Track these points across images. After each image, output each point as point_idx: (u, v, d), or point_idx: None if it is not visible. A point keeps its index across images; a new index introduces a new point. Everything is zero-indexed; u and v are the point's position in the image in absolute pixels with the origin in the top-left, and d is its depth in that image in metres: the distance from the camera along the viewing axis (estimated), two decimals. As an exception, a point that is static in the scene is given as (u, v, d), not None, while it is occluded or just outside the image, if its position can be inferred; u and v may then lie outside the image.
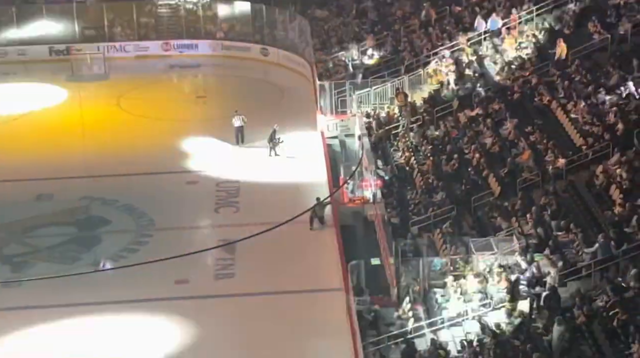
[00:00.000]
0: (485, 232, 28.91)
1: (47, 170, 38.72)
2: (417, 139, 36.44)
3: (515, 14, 40.38)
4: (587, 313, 23.19)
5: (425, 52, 42.45)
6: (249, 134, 40.71)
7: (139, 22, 54.89)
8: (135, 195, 36.36)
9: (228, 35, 54.10)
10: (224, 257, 31.68)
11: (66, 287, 29.15)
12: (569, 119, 31.75)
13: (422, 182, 33.01)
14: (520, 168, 30.73)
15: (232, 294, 29.95)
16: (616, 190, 26.95)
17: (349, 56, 44.40)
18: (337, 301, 28.64)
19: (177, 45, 53.84)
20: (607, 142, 29.08)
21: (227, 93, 47.88)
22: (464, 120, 35.97)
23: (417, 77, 41.01)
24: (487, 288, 25.85)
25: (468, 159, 33.33)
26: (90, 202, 35.98)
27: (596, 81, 32.49)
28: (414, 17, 46.67)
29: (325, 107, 41.77)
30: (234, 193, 36.56)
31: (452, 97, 37.80)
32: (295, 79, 49.35)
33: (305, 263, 31.37)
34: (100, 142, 42.13)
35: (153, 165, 39.13)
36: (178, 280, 30.35)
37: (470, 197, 30.75)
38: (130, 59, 52.76)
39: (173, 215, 34.82)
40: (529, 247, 26.60)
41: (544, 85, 34.39)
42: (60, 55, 53.01)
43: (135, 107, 46.41)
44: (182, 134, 42.90)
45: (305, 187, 36.22)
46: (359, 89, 41.03)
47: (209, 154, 40.16)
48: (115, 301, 29.32)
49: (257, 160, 39.23)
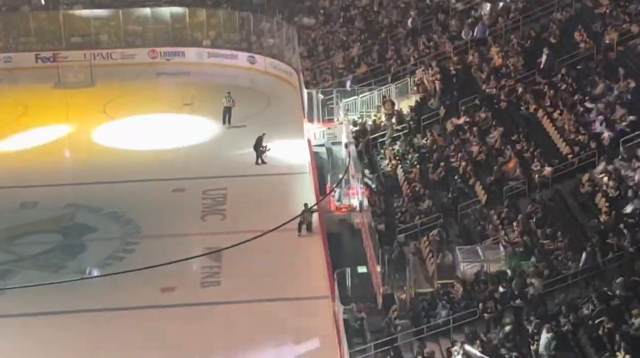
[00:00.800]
0: (471, 240, 28.94)
1: (31, 177, 38.58)
2: (404, 147, 36.46)
3: (502, 22, 40.51)
4: (574, 321, 23.21)
5: (412, 61, 42.52)
6: (238, 138, 40.70)
7: (126, 30, 54.82)
8: (121, 202, 36.27)
9: (215, 43, 54.08)
10: (211, 265, 31.63)
11: (51, 295, 29.04)
12: (555, 128, 31.83)
13: (409, 190, 33.03)
14: (506, 176, 30.77)
15: (218, 302, 29.90)
16: (602, 198, 27.01)
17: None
18: (324, 309, 28.63)
19: (164, 53, 53.80)
20: (593, 151, 29.16)
21: (214, 101, 47.82)
22: (451, 128, 36.01)
23: (403, 86, 41.06)
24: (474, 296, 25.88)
25: (454, 167, 33.35)
26: (75, 210, 35.87)
27: (582, 90, 32.59)
28: (401, 26, 46.74)
29: (312, 115, 41.75)
30: (221, 200, 36.52)
31: (439, 106, 37.84)
32: (282, 87, 49.37)
33: (291, 271, 31.35)
34: (86, 149, 41.98)
35: (140, 172, 39.03)
36: (164, 288, 30.28)
37: (457, 205, 30.77)
38: (116, 66, 52.64)
39: (159, 223, 34.75)
40: (515, 255, 26.62)
41: (530, 94, 34.47)
42: (47, 62, 52.89)
43: (122, 114, 46.30)
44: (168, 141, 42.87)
45: (292, 195, 36.21)
46: (349, 95, 41.07)
47: (196, 161, 40.13)
48: (101, 309, 29.23)
49: (244, 167, 39.18)
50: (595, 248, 25.03)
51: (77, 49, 53.42)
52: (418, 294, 27.29)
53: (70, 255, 32.71)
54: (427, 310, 26.33)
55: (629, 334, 21.94)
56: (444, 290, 26.71)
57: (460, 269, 27.25)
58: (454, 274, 27.25)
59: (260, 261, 31.44)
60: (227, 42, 54.03)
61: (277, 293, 29.97)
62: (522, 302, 24.56)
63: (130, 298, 29.70)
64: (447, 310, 25.64)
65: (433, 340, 25.36)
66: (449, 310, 25.59)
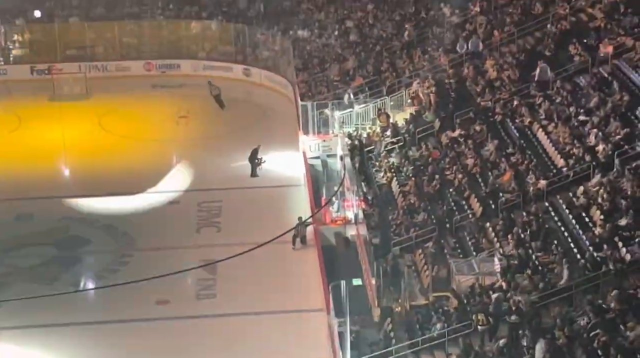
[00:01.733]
0: (466, 253, 28.96)
1: (26, 189, 38.54)
2: (399, 160, 36.51)
3: (497, 35, 40.62)
4: (569, 334, 23.22)
5: (407, 73, 42.60)
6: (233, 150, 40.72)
7: (121, 42, 54.86)
8: (116, 215, 36.22)
9: (210, 55, 54.13)
10: (206, 277, 31.59)
11: (46, 308, 28.98)
12: (549, 141, 31.90)
13: (404, 202, 33.06)
14: (501, 189, 30.81)
15: (213, 315, 29.86)
16: (597, 211, 27.06)
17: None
18: (319, 321, 28.60)
19: (159, 65, 53.81)
20: (587, 164, 29.22)
21: (209, 113, 47.87)
22: (446, 141, 36.08)
23: (398, 98, 41.13)
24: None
25: (450, 179, 33.41)
26: (70, 222, 35.81)
27: (577, 103, 32.68)
28: (396, 39, 46.85)
29: (307, 127, 41.79)
30: (216, 213, 36.50)
31: (434, 118, 37.91)
32: (277, 99, 49.41)
33: (286, 284, 31.33)
34: (82, 161, 41.96)
35: (134, 185, 39.01)
36: (159, 300, 30.23)
37: (452, 218, 30.80)
38: (112, 79, 52.66)
39: (154, 235, 34.72)
40: (510, 268, 26.64)
41: (525, 107, 34.54)
42: (42, 74, 52.86)
43: (117, 126, 46.30)
44: (164, 153, 42.89)
45: (288, 207, 36.21)
46: (348, 107, 41.11)
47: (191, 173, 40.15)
48: (96, 322, 29.19)
49: (239, 179, 39.18)
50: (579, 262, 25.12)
51: (72, 61, 53.40)
52: (413, 307, 27.32)
53: (65, 267, 32.65)
54: (422, 322, 26.35)
55: (624, 347, 21.97)
56: (439, 303, 26.72)
57: (455, 282, 27.26)
58: (449, 287, 27.26)
59: (255, 274, 31.42)
60: (223, 54, 54.06)
61: (272, 306, 29.95)
62: (517, 318, 24.52)
63: (125, 311, 29.64)
64: (442, 322, 25.65)
65: (428, 353, 25.40)
66: (443, 323, 25.60)
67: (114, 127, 46.21)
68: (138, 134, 45.41)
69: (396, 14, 49.36)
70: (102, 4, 57.96)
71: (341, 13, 52.45)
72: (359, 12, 51.68)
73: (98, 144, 44.22)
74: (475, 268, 27.34)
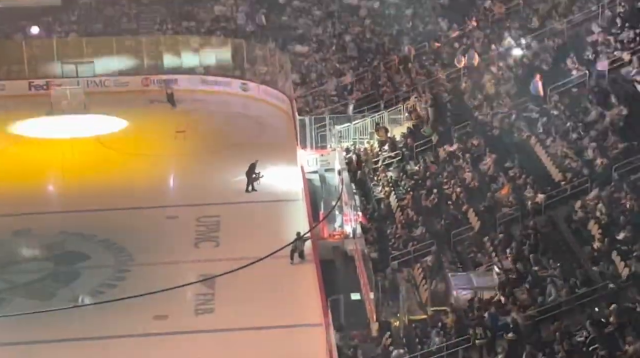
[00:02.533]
0: (465, 267, 28.92)
1: (24, 205, 38.49)
2: (397, 174, 36.51)
3: (494, 49, 40.72)
4: (567, 348, 23.16)
5: (404, 88, 42.67)
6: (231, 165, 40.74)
7: (119, 57, 54.86)
8: (114, 230, 36.16)
9: (208, 70, 54.20)
10: (204, 292, 31.52)
11: (44, 323, 28.89)
12: (547, 155, 31.92)
13: (402, 216, 33.03)
14: (499, 203, 30.81)
15: (212, 329, 29.77)
16: (595, 225, 27.05)
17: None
18: (317, 336, 28.51)
19: (157, 80, 53.85)
20: (585, 178, 29.23)
21: (207, 128, 47.90)
22: (444, 155, 36.10)
23: (396, 112, 41.18)
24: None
25: (447, 194, 33.40)
26: (68, 237, 35.75)
27: (574, 117, 32.71)
28: (393, 53, 46.95)
29: (305, 142, 41.80)
30: (214, 227, 36.44)
31: (432, 133, 37.94)
32: (275, 114, 49.45)
33: (285, 298, 31.25)
34: (79, 176, 41.93)
35: (132, 199, 38.99)
36: (157, 315, 30.14)
37: (450, 232, 30.78)
38: (109, 94, 52.66)
39: (152, 250, 34.64)
40: (508, 282, 26.60)
41: (523, 121, 34.58)
42: (40, 90, 52.91)
43: (115, 141, 46.30)
44: (162, 168, 42.89)
45: (286, 222, 36.18)
46: (350, 120, 41.14)
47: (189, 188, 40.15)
48: (94, 337, 29.09)
49: (237, 194, 39.16)
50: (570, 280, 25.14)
51: (70, 76, 53.47)
52: (411, 321, 27.27)
53: (63, 282, 32.56)
54: (421, 337, 26.29)
55: (623, 361, 21.94)
56: (437, 317, 26.67)
57: (454, 296, 27.22)
58: (447, 301, 27.22)
59: (253, 288, 31.34)
60: (220, 69, 54.14)
61: (270, 321, 29.86)
62: (514, 335, 24.40)
63: (123, 326, 29.55)
64: (440, 337, 25.60)
65: (427, 368, 25.34)
66: (442, 337, 25.55)
67: (112, 142, 46.21)
68: (136, 148, 45.39)
69: (394, 28, 49.48)
70: (101, 20, 58.05)
71: (339, 28, 52.58)
72: (356, 27, 51.81)
73: (96, 159, 44.20)
74: (473, 282, 27.30)
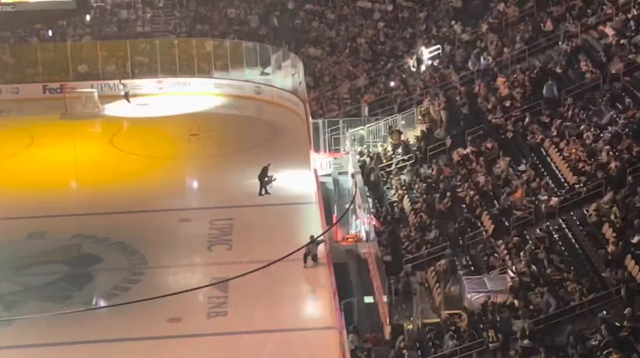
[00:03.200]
0: (478, 270, 28.88)
1: (38, 208, 38.62)
2: (410, 177, 36.48)
3: (508, 52, 40.65)
4: (582, 352, 23.10)
5: (418, 91, 42.64)
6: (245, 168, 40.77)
7: (133, 61, 55.05)
8: (128, 233, 36.25)
9: (221, 73, 54.25)
10: (217, 295, 31.54)
11: (58, 326, 29.00)
12: (562, 158, 31.85)
13: (416, 220, 33.00)
14: (513, 206, 30.75)
15: (225, 332, 29.80)
16: (609, 228, 26.97)
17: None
18: (330, 339, 28.52)
19: (171, 83, 53.96)
20: (599, 181, 29.14)
21: (220, 131, 47.98)
22: (457, 158, 36.04)
23: (410, 116, 41.15)
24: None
25: (461, 197, 33.36)
26: (82, 240, 35.85)
27: (588, 120, 32.63)
28: (407, 56, 46.93)
29: (319, 145, 41.81)
30: (227, 230, 36.47)
31: (445, 136, 37.90)
32: (288, 117, 49.47)
33: (298, 302, 31.28)
34: (93, 179, 42.05)
35: (146, 202, 39.08)
36: (171, 318, 30.19)
37: (464, 235, 30.74)
38: (123, 97, 52.81)
39: (166, 253, 34.71)
40: (522, 286, 26.54)
41: (537, 124, 34.51)
42: (54, 93, 53.09)
43: (129, 144, 46.42)
44: (175, 171, 42.97)
45: (299, 225, 36.19)
46: (364, 123, 41.09)
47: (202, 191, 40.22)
48: (108, 340, 29.15)
49: (251, 197, 39.20)
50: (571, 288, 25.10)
51: (84, 80, 53.68)
52: (425, 324, 27.22)
53: (77, 285, 32.64)
54: (434, 340, 26.26)
55: (637, 365, 21.87)
56: (451, 321, 26.63)
57: (467, 300, 27.18)
58: (461, 305, 27.18)
59: (267, 291, 31.37)
60: (234, 72, 54.21)
61: (283, 324, 29.87)
62: (529, 342, 24.29)
63: (137, 329, 29.62)
64: (454, 340, 25.56)
65: (440, 371, 25.30)
66: (455, 341, 25.51)
67: (126, 145, 46.34)
68: (149, 151, 45.48)
69: (407, 32, 49.46)
70: (114, 23, 58.23)
71: (352, 31, 52.58)
72: (370, 30, 51.81)
73: (109, 162, 44.32)
74: (487, 286, 27.25)
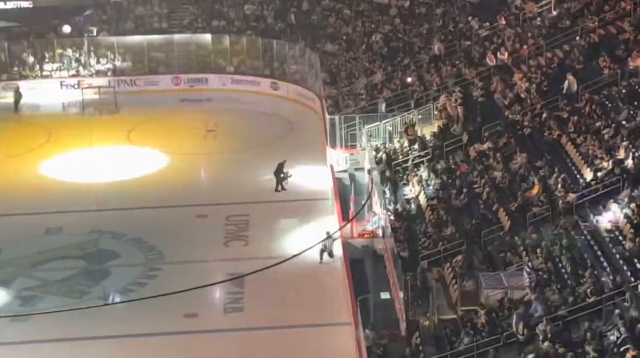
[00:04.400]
0: (495, 267, 28.81)
1: (56, 203, 38.76)
2: (427, 173, 36.42)
3: (525, 48, 40.51)
4: (598, 348, 23.00)
5: (435, 87, 42.56)
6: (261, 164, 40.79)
7: (150, 57, 55.19)
8: (145, 228, 36.35)
9: (238, 70, 54.34)
10: (233, 291, 31.61)
11: (75, 321, 29.11)
12: (579, 154, 31.72)
13: (432, 216, 32.95)
14: (530, 202, 30.65)
15: (241, 328, 29.86)
16: (626, 225, 26.85)
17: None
18: (346, 335, 28.52)
19: (187, 80, 54.07)
20: (617, 177, 29.01)
21: (237, 127, 48.04)
22: (474, 154, 35.96)
23: (426, 111, 41.08)
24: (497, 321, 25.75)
25: (478, 193, 33.28)
26: (99, 236, 35.98)
27: (606, 116, 32.49)
28: (424, 52, 46.85)
29: (335, 141, 41.79)
30: (244, 226, 36.52)
31: (462, 132, 37.82)
32: (304, 113, 49.49)
33: (314, 297, 31.27)
34: (110, 175, 42.16)
35: (163, 198, 39.17)
36: (187, 313, 30.27)
37: (480, 232, 30.67)
38: (140, 93, 52.95)
39: (182, 249, 34.77)
40: (540, 282, 26.46)
41: (554, 120, 34.39)
42: (71, 89, 53.28)
43: (146, 140, 46.53)
44: (192, 167, 43.05)
45: (315, 221, 36.20)
46: (380, 119, 41.05)
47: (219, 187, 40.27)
48: (124, 335, 29.28)
49: (267, 193, 39.23)
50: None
51: (101, 75, 53.85)
52: (441, 321, 27.17)
53: (94, 281, 32.76)
54: (451, 336, 26.22)
55: (655, 362, 21.75)
56: (468, 317, 26.58)
57: (484, 296, 27.12)
58: (478, 301, 27.12)
59: (283, 287, 31.40)
60: (250, 68, 54.27)
61: (299, 320, 29.89)
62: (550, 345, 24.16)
63: (154, 324, 29.70)
64: (470, 336, 25.51)
65: (457, 367, 25.24)
66: (472, 337, 25.45)
67: (143, 141, 46.45)
68: (166, 147, 45.57)
69: (424, 27, 49.38)
70: (131, 19, 58.37)
71: (369, 27, 52.53)
72: (386, 26, 51.74)
73: (127, 157, 44.42)
74: (504, 282, 27.18)
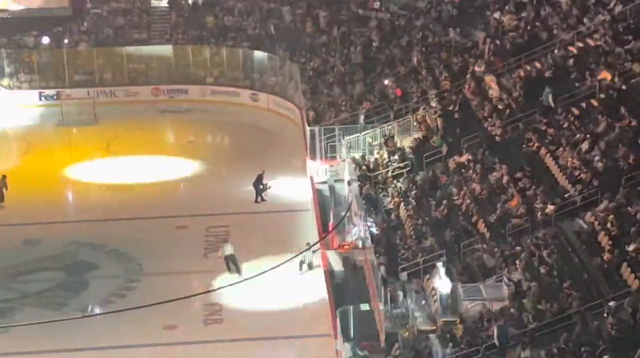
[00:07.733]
0: (474, 278, 28.89)
1: (34, 215, 38.60)
2: (406, 185, 36.50)
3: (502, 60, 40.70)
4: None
5: (414, 98, 42.68)
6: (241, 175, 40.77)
7: (129, 68, 55.07)
8: (124, 240, 36.25)
9: (218, 81, 54.30)
10: (213, 303, 31.55)
11: (54, 333, 28.99)
12: (557, 166, 31.89)
13: (411, 227, 33.03)
14: (509, 214, 30.78)
15: (221, 340, 29.81)
16: (605, 236, 27.01)
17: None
18: (326, 347, 28.53)
19: (167, 91, 53.99)
20: (595, 189, 29.19)
21: (217, 138, 48.01)
22: (453, 166, 36.08)
23: (406, 123, 41.18)
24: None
25: (457, 204, 33.39)
26: (78, 247, 35.85)
27: (584, 128, 32.67)
28: (403, 64, 46.97)
29: (315, 152, 41.81)
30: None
31: (441, 143, 37.93)
32: (284, 124, 49.51)
33: (294, 309, 31.26)
34: (89, 186, 42.02)
35: (142, 209, 39.07)
36: (166, 325, 30.19)
37: (460, 243, 30.75)
38: (120, 104, 52.82)
39: (162, 260, 34.69)
40: (518, 293, 26.57)
41: (532, 132, 34.56)
42: (50, 100, 53.10)
43: (125, 151, 46.39)
44: (171, 178, 42.95)
45: (295, 232, 36.20)
46: (362, 130, 41.12)
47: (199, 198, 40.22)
48: (104, 347, 29.16)
49: (247, 204, 39.20)
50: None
51: (80, 86, 53.68)
52: (421, 332, 27.22)
53: (73, 292, 32.66)
54: (430, 348, 26.26)
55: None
56: (447, 328, 26.64)
57: (463, 307, 27.20)
58: (457, 312, 27.18)
59: (262, 298, 31.38)
60: (230, 79, 54.25)
61: (279, 332, 29.88)
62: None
63: (133, 336, 29.61)
64: (450, 348, 25.55)
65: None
66: (452, 349, 25.51)
67: (122, 152, 46.31)
68: (146, 158, 45.40)
69: (403, 39, 49.50)
70: (111, 30, 58.23)
71: (348, 39, 52.59)
72: (366, 37, 51.83)
73: (106, 168, 44.26)
74: (483, 293, 27.27)
